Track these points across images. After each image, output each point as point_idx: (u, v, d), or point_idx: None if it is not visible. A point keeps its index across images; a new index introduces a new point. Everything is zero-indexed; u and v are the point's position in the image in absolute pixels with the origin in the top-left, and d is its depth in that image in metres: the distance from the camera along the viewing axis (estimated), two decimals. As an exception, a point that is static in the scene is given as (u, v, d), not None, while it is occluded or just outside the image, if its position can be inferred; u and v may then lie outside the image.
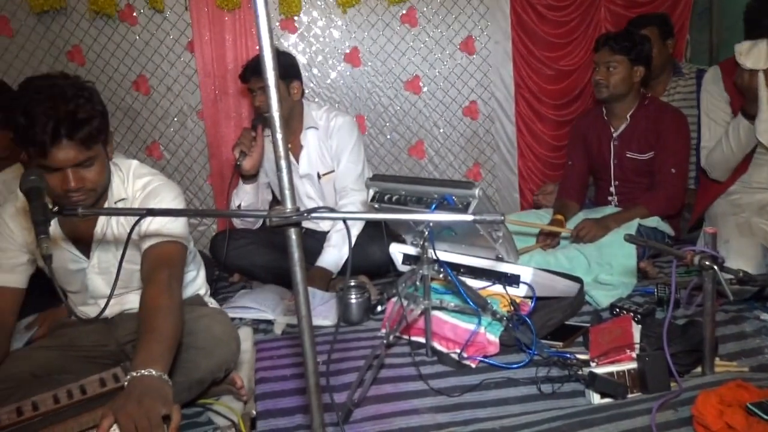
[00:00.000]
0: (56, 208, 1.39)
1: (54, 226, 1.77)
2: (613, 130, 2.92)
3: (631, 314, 2.14)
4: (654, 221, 2.76)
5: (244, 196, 2.86)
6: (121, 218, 1.78)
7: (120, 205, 1.79)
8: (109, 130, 1.71)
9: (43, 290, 2.16)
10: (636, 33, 2.88)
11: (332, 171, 2.91)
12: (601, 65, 2.81)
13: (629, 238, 1.93)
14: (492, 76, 3.66)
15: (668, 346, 1.70)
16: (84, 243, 1.81)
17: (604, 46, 2.80)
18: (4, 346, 1.72)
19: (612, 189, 3.00)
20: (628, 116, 2.87)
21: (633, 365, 1.75)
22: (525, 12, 3.56)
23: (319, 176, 2.92)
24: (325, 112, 2.91)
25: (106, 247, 1.80)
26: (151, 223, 1.73)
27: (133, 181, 1.81)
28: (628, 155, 2.89)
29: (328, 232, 2.82)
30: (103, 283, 1.83)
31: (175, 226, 1.76)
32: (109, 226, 1.78)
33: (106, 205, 1.77)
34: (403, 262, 2.38)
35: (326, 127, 2.88)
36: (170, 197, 1.81)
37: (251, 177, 2.83)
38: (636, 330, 1.93)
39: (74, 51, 3.31)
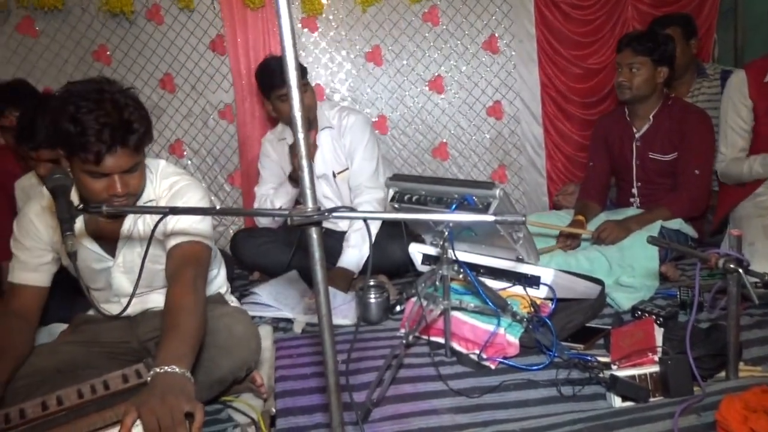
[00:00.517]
0: (81, 206, 1.42)
1: (79, 226, 1.79)
2: (635, 130, 2.89)
3: (653, 317, 2.12)
4: (677, 223, 2.72)
5: (285, 198, 2.87)
6: (148, 218, 1.80)
7: (148, 205, 1.81)
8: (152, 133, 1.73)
9: (66, 291, 2.21)
10: (659, 33, 2.84)
11: (346, 169, 2.92)
12: (624, 66, 2.77)
13: (652, 240, 1.90)
14: (516, 76, 3.64)
15: (691, 349, 1.68)
16: (109, 242, 1.83)
17: (627, 47, 2.77)
18: (29, 342, 1.75)
19: (634, 190, 2.97)
20: (651, 117, 2.84)
21: (655, 369, 1.73)
22: (549, 10, 3.54)
23: (334, 175, 2.94)
24: (337, 112, 2.92)
25: (132, 246, 1.82)
26: (177, 222, 1.75)
27: (160, 182, 1.83)
28: (650, 156, 2.86)
29: (346, 231, 2.83)
30: (127, 281, 1.85)
31: (202, 226, 1.78)
32: (135, 225, 1.80)
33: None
34: (423, 262, 2.38)
35: (339, 125, 2.89)
36: (197, 197, 1.83)
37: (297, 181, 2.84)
38: (658, 333, 1.91)
39: (100, 51, 3.34)
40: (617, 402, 1.70)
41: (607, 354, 1.98)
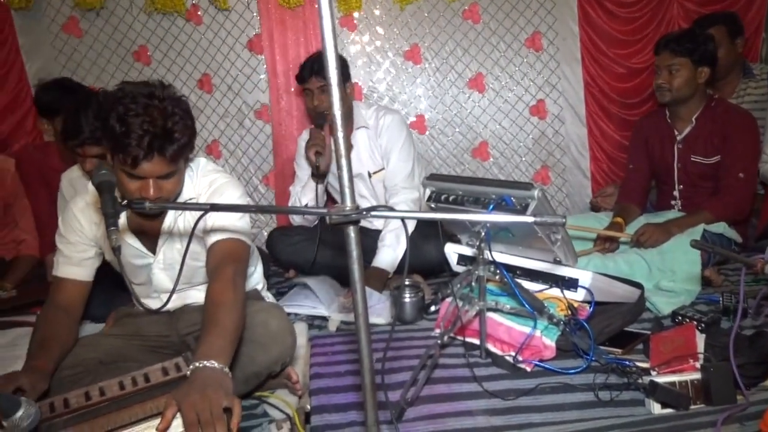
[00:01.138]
0: (125, 202, 1.45)
1: (121, 222, 1.83)
2: (677, 133, 2.83)
3: (695, 323, 2.08)
4: (720, 227, 2.65)
5: (311, 195, 2.89)
6: (188, 215, 1.83)
7: (189, 203, 1.83)
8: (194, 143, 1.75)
9: (99, 290, 2.26)
10: (698, 32, 2.77)
11: (382, 169, 2.93)
12: (663, 68, 2.72)
13: (696, 244, 1.86)
14: (560, 74, 3.60)
15: (735, 357, 1.64)
16: (150, 239, 1.87)
17: (665, 49, 2.71)
18: (73, 333, 1.80)
19: (675, 193, 2.91)
20: (693, 119, 2.78)
21: (696, 376, 1.70)
22: (592, 8, 3.49)
23: (369, 175, 2.94)
24: (374, 111, 2.93)
25: (172, 243, 1.86)
26: (217, 220, 1.78)
27: (200, 179, 1.86)
28: (692, 159, 2.80)
29: (381, 230, 2.83)
30: (167, 278, 1.89)
31: (241, 223, 1.80)
32: (176, 222, 1.84)
33: None
34: (458, 263, 2.36)
35: (375, 125, 2.90)
36: (236, 195, 1.85)
37: (323, 177, 2.86)
38: (700, 339, 1.87)
39: (140, 51, 3.40)
40: (656, 408, 1.67)
41: (646, 359, 1.94)
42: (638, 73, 3.55)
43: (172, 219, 1.83)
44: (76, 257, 1.84)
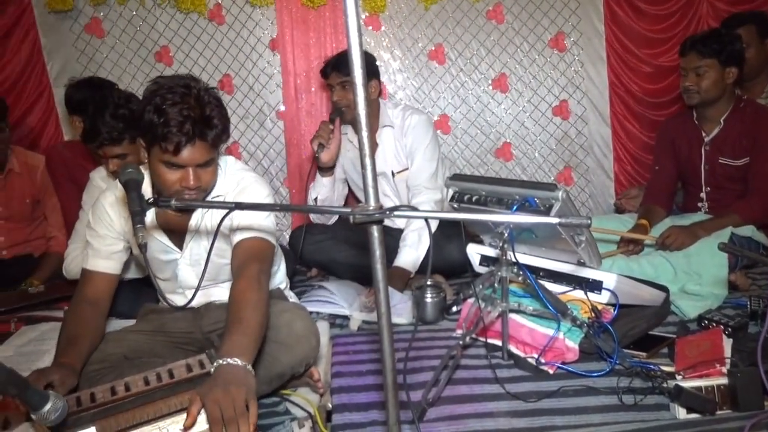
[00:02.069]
0: (151, 199, 1.47)
1: (150, 218, 1.86)
2: (704, 134, 2.79)
3: (722, 327, 2.04)
4: (749, 230, 2.61)
5: (321, 189, 2.91)
6: (215, 212, 1.85)
7: (216, 200, 1.85)
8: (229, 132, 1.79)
9: (132, 284, 2.29)
10: (724, 33, 2.73)
11: (406, 169, 2.92)
12: (690, 71, 2.67)
13: (724, 247, 1.82)
14: (584, 74, 3.58)
15: (763, 362, 1.60)
16: (178, 235, 1.89)
17: (691, 50, 2.67)
18: (101, 328, 1.82)
19: (702, 195, 2.87)
20: (721, 120, 2.74)
21: (723, 381, 1.67)
22: (620, 7, 3.46)
23: (393, 174, 2.94)
24: (400, 111, 2.93)
25: (199, 240, 1.88)
26: (243, 218, 1.79)
27: (228, 177, 1.87)
28: (720, 161, 2.75)
29: (403, 230, 2.83)
30: (193, 274, 1.91)
31: (267, 222, 1.82)
32: (203, 219, 1.86)
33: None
34: (481, 263, 2.35)
35: (401, 125, 2.89)
36: (263, 194, 1.87)
37: (328, 170, 2.88)
38: (727, 344, 1.84)
39: (162, 52, 3.43)
40: (682, 413, 1.65)
41: (671, 363, 1.91)
42: (667, 72, 3.50)
43: (199, 216, 1.85)
44: (105, 250, 1.86)
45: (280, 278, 2.18)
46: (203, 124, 1.63)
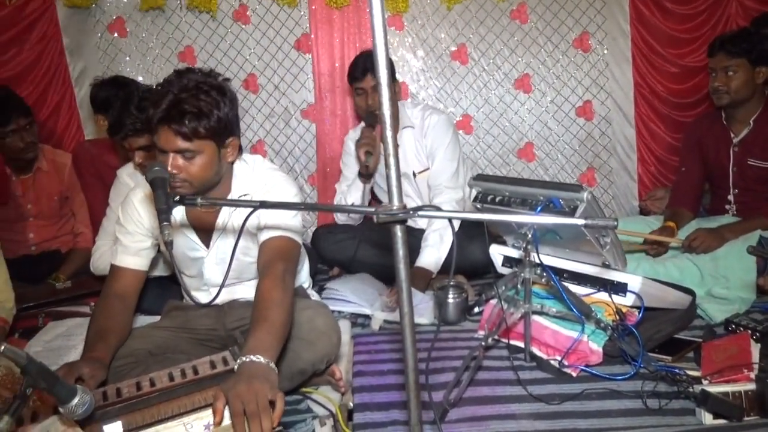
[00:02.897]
0: (177, 198, 1.48)
1: (181, 214, 1.88)
2: (733, 135, 2.74)
3: (749, 331, 2.01)
4: (778, 233, 2.56)
5: (357, 194, 2.90)
6: (242, 212, 1.86)
7: (243, 198, 1.87)
8: (231, 134, 1.78)
9: (159, 281, 2.32)
10: (754, 32, 2.68)
11: (427, 169, 2.92)
12: (719, 71, 2.63)
13: (753, 250, 1.80)
14: (609, 75, 3.54)
15: (792, 368, 1.58)
16: (206, 233, 1.91)
17: (720, 51, 2.62)
18: (128, 324, 1.84)
19: (730, 197, 2.81)
20: (750, 121, 2.69)
21: (751, 386, 1.64)
22: (646, 7, 3.42)
23: (414, 175, 2.94)
24: (420, 111, 2.92)
25: (226, 238, 1.89)
26: (270, 217, 1.80)
27: (257, 176, 1.89)
28: (749, 162, 2.70)
29: (424, 230, 2.83)
30: (219, 271, 1.92)
31: (293, 222, 1.83)
32: (230, 217, 1.87)
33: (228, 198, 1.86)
34: (503, 264, 2.34)
35: (421, 125, 2.89)
36: (291, 193, 1.88)
37: (370, 177, 2.87)
38: (754, 349, 1.81)
39: (186, 51, 3.44)
40: (708, 419, 1.63)
41: (697, 368, 1.89)
42: (693, 72, 3.45)
43: (227, 215, 1.87)
44: (134, 247, 1.88)
45: (303, 277, 2.19)
46: (175, 111, 1.64)
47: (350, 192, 2.92)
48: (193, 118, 1.65)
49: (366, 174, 2.81)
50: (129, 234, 1.88)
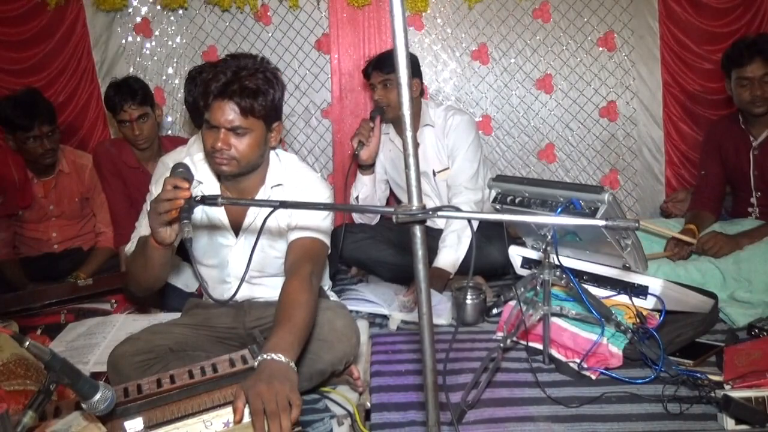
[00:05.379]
0: (198, 197, 1.50)
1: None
2: (752, 138, 2.69)
3: (773, 336, 1.98)
4: (802, 237, 2.51)
5: (362, 188, 2.92)
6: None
7: (277, 190, 1.89)
8: (277, 118, 1.84)
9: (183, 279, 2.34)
10: None
11: (447, 168, 2.91)
12: (755, 80, 2.53)
13: (777, 254, 1.77)
14: (635, 74, 3.49)
15: (817, 374, 1.55)
16: (238, 223, 1.93)
17: (756, 58, 2.52)
18: (168, 266, 1.79)
19: (752, 200, 2.77)
20: None
21: (775, 392, 1.62)
22: (677, 2, 3.35)
23: (434, 173, 2.93)
24: (443, 110, 2.92)
25: (255, 231, 1.89)
26: (302, 217, 1.82)
27: (290, 171, 1.91)
28: (771, 166, 2.65)
29: (442, 230, 2.82)
30: (243, 263, 1.91)
31: (324, 224, 1.84)
32: (260, 212, 1.88)
33: (262, 189, 1.88)
34: (522, 266, 2.33)
35: (443, 125, 2.89)
36: (325, 195, 1.91)
37: (368, 168, 2.90)
38: (779, 354, 1.78)
39: (210, 51, 3.47)
40: (730, 424, 1.61)
41: (719, 372, 1.87)
42: (728, 69, 3.38)
43: (258, 208, 1.88)
44: None
45: (324, 278, 2.20)
46: (237, 85, 1.68)
47: (356, 187, 2.94)
48: (251, 94, 1.70)
49: (362, 165, 2.83)
50: None
